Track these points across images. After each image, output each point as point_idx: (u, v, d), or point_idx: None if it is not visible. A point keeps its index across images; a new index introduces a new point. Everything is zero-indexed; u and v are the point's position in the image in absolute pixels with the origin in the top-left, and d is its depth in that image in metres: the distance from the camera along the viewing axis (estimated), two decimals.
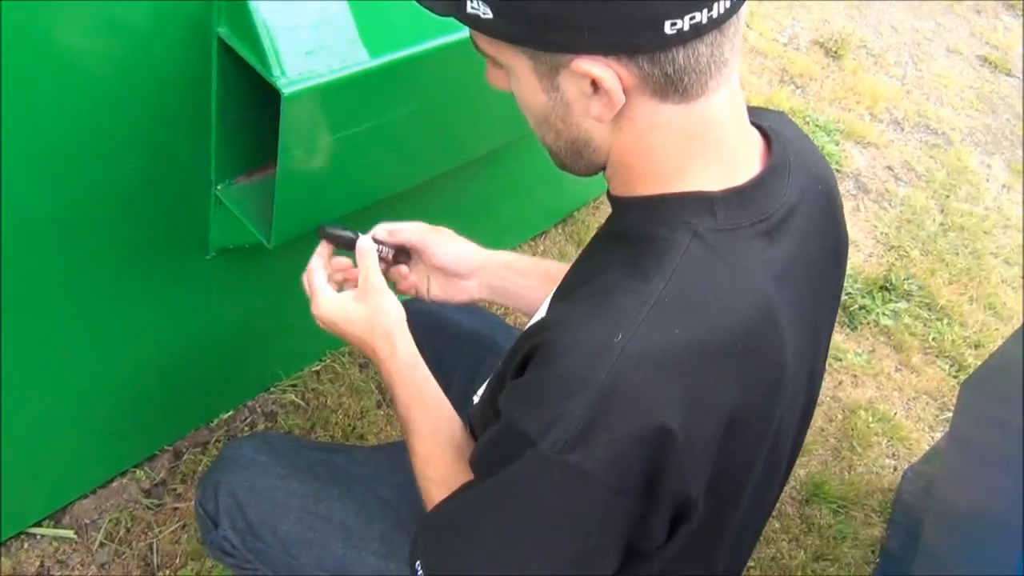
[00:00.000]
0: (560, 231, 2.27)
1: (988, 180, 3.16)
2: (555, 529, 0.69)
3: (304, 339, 1.73)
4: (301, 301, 1.61)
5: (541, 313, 0.85)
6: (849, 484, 1.91)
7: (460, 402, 1.29)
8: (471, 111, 1.33)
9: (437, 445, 0.92)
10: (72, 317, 1.19)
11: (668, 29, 0.65)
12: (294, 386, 1.71)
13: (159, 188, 1.15)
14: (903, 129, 3.28)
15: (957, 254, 2.72)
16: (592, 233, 2.24)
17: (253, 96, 1.11)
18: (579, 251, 2.16)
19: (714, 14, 0.66)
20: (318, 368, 1.76)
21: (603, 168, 0.80)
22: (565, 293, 0.81)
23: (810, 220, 0.80)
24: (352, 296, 1.00)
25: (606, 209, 2.40)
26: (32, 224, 1.05)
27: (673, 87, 0.70)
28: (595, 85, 0.70)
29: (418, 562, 0.79)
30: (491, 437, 0.76)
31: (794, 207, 0.78)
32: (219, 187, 1.21)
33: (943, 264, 2.66)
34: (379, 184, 1.32)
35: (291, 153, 1.06)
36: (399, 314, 0.97)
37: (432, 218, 1.69)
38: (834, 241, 0.87)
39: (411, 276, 1.12)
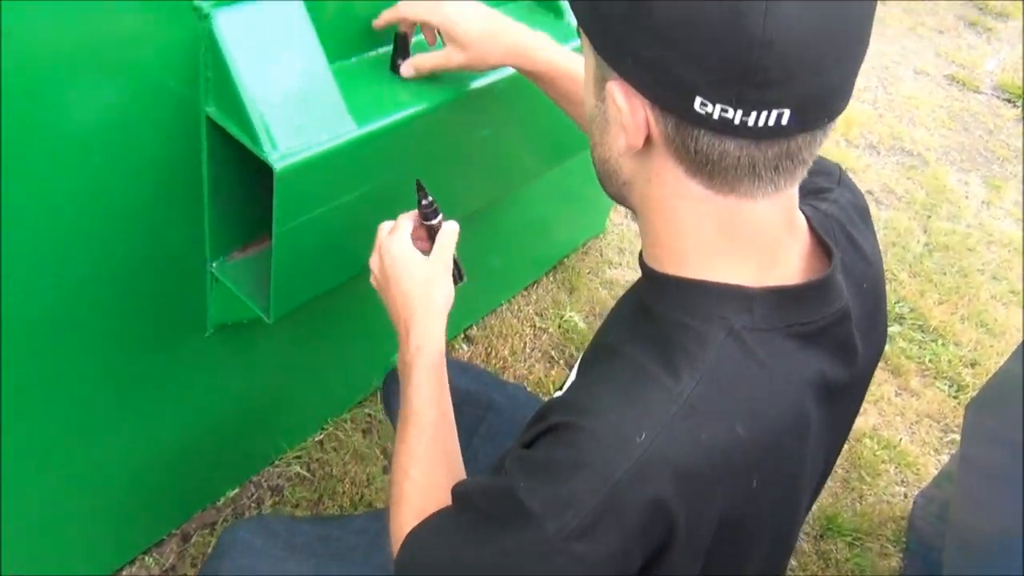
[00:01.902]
0: (552, 279, 2.27)
1: (967, 197, 3.19)
2: None
3: (306, 409, 1.71)
4: (302, 371, 1.60)
5: (571, 377, 0.83)
6: (862, 515, 1.90)
7: None
8: (461, 169, 1.34)
9: (431, 447, 0.89)
10: (72, 405, 1.18)
11: (698, 106, 0.63)
12: (299, 458, 1.69)
13: (154, 270, 1.15)
14: (879, 152, 3.32)
15: (944, 273, 2.74)
16: (583, 278, 2.26)
17: (244, 170, 1.11)
18: (572, 297, 2.18)
19: (750, 122, 0.62)
20: (321, 437, 1.74)
21: (632, 209, 0.77)
22: (591, 362, 0.79)
23: (856, 324, 0.77)
24: (422, 258, 0.98)
25: (595, 253, 2.42)
26: (26, 317, 1.03)
27: (697, 167, 0.67)
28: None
29: None
30: (488, 487, 0.73)
31: (843, 316, 0.74)
32: (214, 264, 1.20)
33: (932, 284, 2.67)
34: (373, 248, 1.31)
35: (285, 227, 1.06)
36: (449, 302, 0.97)
37: None
38: (876, 339, 0.84)
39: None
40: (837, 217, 0.81)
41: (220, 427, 1.48)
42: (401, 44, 1.16)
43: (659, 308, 0.73)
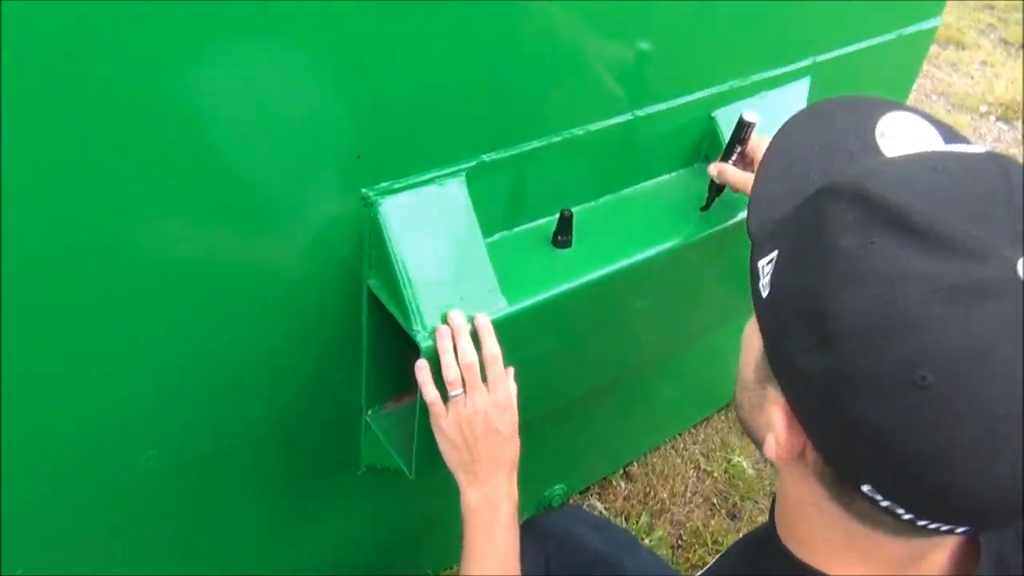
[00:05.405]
0: (723, 417, 2.19)
1: None
2: None
3: (450, 535, 1.73)
4: (446, 501, 1.63)
5: None
6: None
7: None
8: (615, 337, 1.34)
9: None
10: (230, 538, 1.27)
11: (866, 490, 0.58)
12: None
13: (315, 418, 1.22)
14: None
15: None
16: None
17: (399, 330, 1.17)
18: (743, 440, 2.09)
19: (919, 522, 0.58)
20: None
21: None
22: None
23: None
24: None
25: None
26: (201, 460, 1.13)
27: (843, 505, 0.64)
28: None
29: None
30: None
31: None
32: (369, 413, 1.26)
33: None
34: (523, 408, 1.33)
35: None
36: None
37: (589, 403, 1.68)
38: None
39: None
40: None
41: (367, 555, 1.53)
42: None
43: None
